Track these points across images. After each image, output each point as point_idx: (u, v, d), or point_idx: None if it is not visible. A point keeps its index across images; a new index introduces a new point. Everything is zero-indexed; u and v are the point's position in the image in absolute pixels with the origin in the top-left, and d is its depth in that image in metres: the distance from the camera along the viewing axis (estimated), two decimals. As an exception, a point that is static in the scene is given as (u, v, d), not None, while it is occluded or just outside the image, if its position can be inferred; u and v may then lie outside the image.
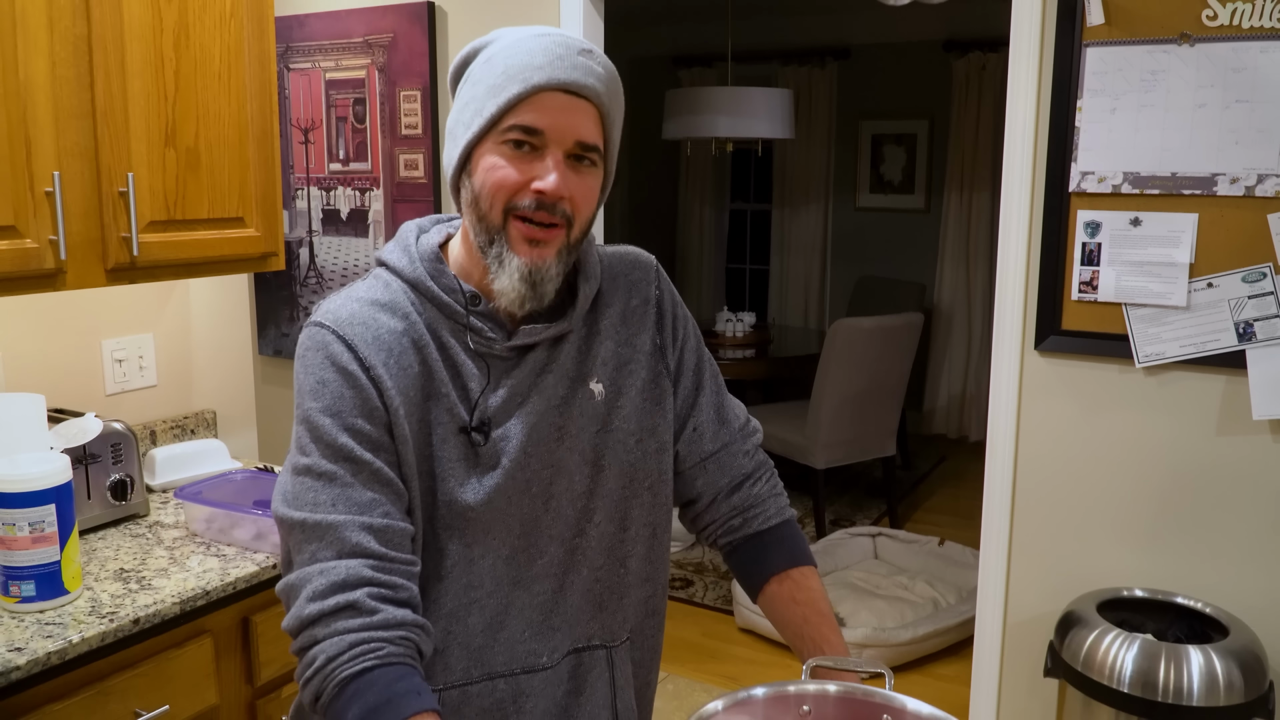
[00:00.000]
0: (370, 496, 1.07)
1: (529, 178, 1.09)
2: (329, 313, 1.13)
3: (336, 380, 1.09)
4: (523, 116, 1.08)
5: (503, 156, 1.09)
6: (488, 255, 1.12)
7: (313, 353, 1.11)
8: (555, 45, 1.09)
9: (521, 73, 1.08)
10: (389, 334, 1.11)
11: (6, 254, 1.71)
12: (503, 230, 1.11)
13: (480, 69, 1.11)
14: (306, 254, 3.49)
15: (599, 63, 1.12)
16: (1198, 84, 2.01)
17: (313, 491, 1.07)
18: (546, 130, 1.08)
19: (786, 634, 1.28)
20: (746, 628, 3.78)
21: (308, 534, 1.06)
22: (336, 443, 1.08)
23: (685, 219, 7.46)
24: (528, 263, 1.10)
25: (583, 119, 1.10)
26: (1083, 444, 2.24)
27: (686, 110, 5.09)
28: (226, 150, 2.09)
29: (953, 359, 6.44)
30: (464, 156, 1.13)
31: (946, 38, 6.15)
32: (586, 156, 1.12)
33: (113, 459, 2.01)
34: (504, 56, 1.09)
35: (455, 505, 1.13)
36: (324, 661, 1.02)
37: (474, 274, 1.16)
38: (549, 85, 1.08)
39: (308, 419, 1.09)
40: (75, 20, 1.80)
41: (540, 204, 1.09)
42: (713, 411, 1.30)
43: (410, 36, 3.11)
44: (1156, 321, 2.10)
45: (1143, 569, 2.21)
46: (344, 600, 1.03)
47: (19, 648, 1.51)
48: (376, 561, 1.05)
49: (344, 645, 1.01)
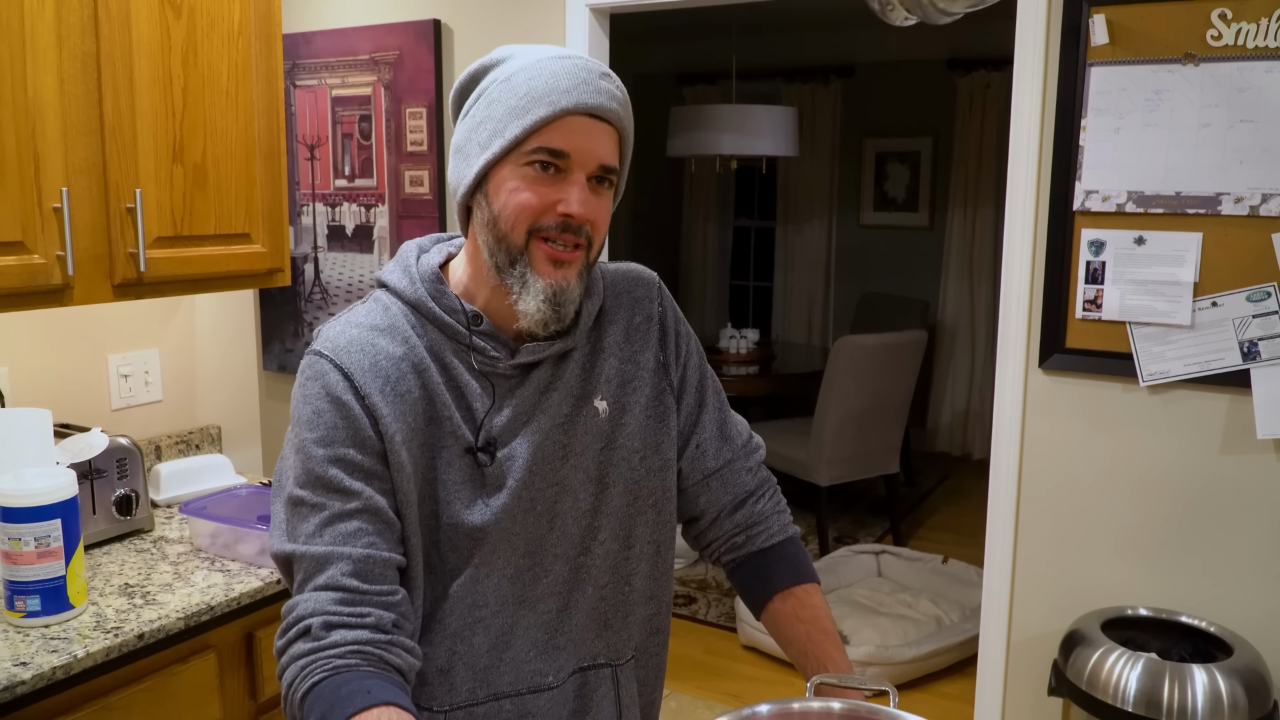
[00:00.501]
0: (356, 526, 1.08)
1: (554, 200, 1.09)
2: (327, 340, 1.13)
3: (330, 410, 1.09)
4: (549, 139, 1.08)
5: (525, 179, 1.09)
6: (508, 276, 1.11)
7: (311, 382, 1.11)
8: (578, 69, 1.10)
9: (548, 95, 1.08)
10: (388, 360, 1.11)
11: (14, 269, 1.72)
12: (525, 251, 1.10)
13: (499, 89, 1.10)
14: (312, 270, 3.50)
15: (617, 86, 1.13)
16: (1202, 103, 2.02)
17: (302, 522, 1.09)
18: (572, 153, 1.09)
19: (790, 652, 1.28)
20: (750, 645, 3.77)
21: (295, 565, 1.08)
22: (327, 474, 1.08)
23: (689, 235, 7.47)
24: (552, 284, 1.10)
25: (604, 141, 1.11)
26: (1087, 462, 2.23)
27: (691, 127, 5.11)
28: (233, 167, 2.10)
29: (956, 376, 6.43)
30: (480, 176, 1.12)
31: (950, 56, 6.18)
32: (606, 178, 1.13)
33: (118, 474, 2.02)
34: (526, 77, 1.09)
35: (461, 527, 1.13)
36: (285, 689, 1.05)
37: (478, 295, 1.16)
38: (576, 109, 1.08)
39: (302, 448, 1.10)
40: (84, 37, 1.81)
41: (566, 226, 1.10)
42: (715, 428, 1.30)
43: (416, 54, 3.13)
44: (1161, 340, 2.10)
45: (1147, 588, 2.21)
46: (299, 629, 1.05)
47: (24, 662, 1.51)
48: (345, 594, 1.06)
49: (298, 669, 1.04)
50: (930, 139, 6.45)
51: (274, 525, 1.13)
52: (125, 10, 1.87)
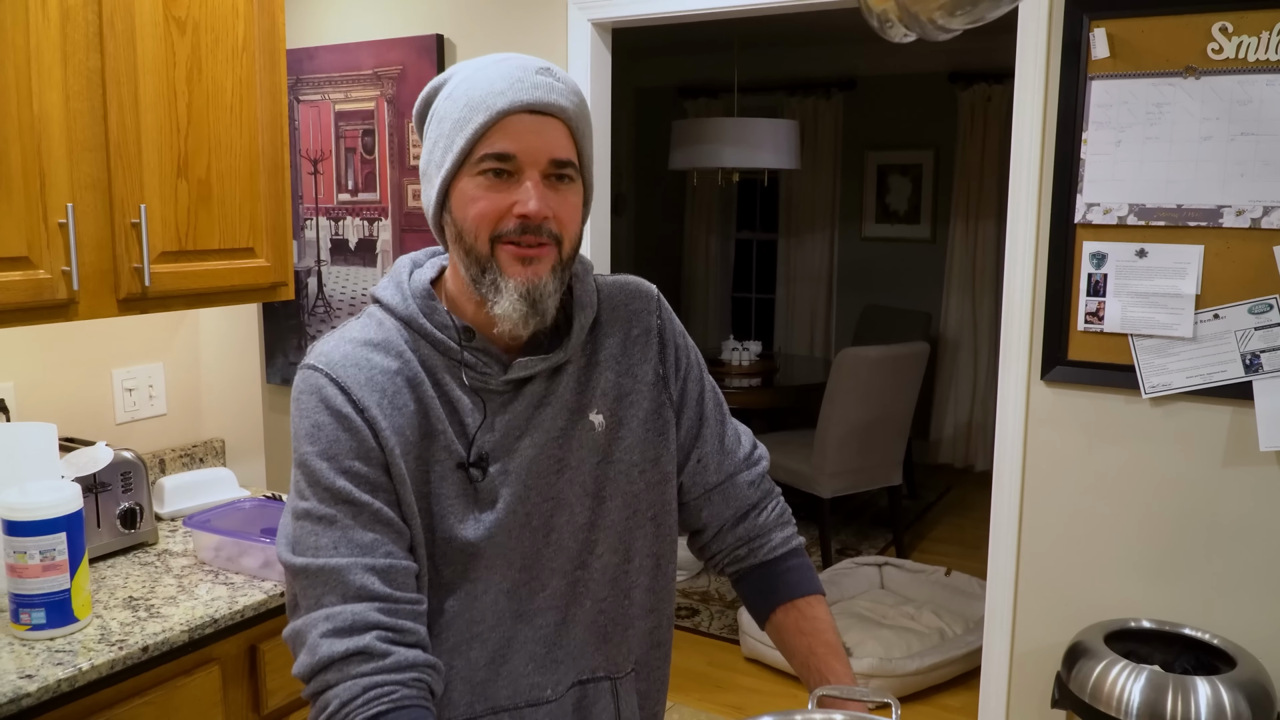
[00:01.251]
0: (371, 537, 1.07)
1: (509, 203, 1.09)
2: (321, 355, 1.12)
3: (331, 423, 1.08)
4: (493, 144, 1.08)
5: (480, 187, 1.09)
6: (481, 285, 1.11)
7: (307, 396, 1.10)
8: (513, 69, 1.10)
9: (484, 100, 1.08)
10: (382, 374, 1.11)
11: (20, 284, 1.72)
12: (492, 258, 1.11)
13: (443, 105, 1.12)
14: (315, 283, 3.51)
15: (560, 79, 1.12)
16: (1203, 116, 2.03)
17: (314, 535, 1.07)
18: (519, 154, 1.08)
19: (794, 663, 1.28)
20: (752, 657, 3.77)
21: (311, 579, 1.06)
22: (334, 486, 1.07)
23: (691, 248, 7.49)
24: (523, 281, 1.10)
25: (553, 136, 1.10)
26: (1089, 474, 2.24)
27: (693, 141, 5.13)
28: (238, 182, 2.11)
29: (958, 389, 6.44)
30: (441, 194, 1.13)
31: (951, 69, 6.20)
32: (563, 173, 1.12)
33: (122, 487, 2.02)
34: (464, 89, 1.10)
35: (455, 541, 1.12)
36: (338, 706, 1.02)
37: (467, 309, 1.16)
38: (513, 108, 1.08)
39: (305, 463, 1.09)
40: (89, 54, 1.82)
41: (525, 228, 1.09)
42: (717, 442, 1.29)
43: (419, 68, 3.15)
44: (1163, 352, 2.10)
45: (1150, 600, 2.20)
46: (355, 646, 1.02)
47: (29, 675, 1.51)
48: (383, 604, 1.05)
49: (357, 690, 1.01)
50: (932, 152, 6.46)
51: (281, 538, 1.12)
52: (130, 27, 1.88)
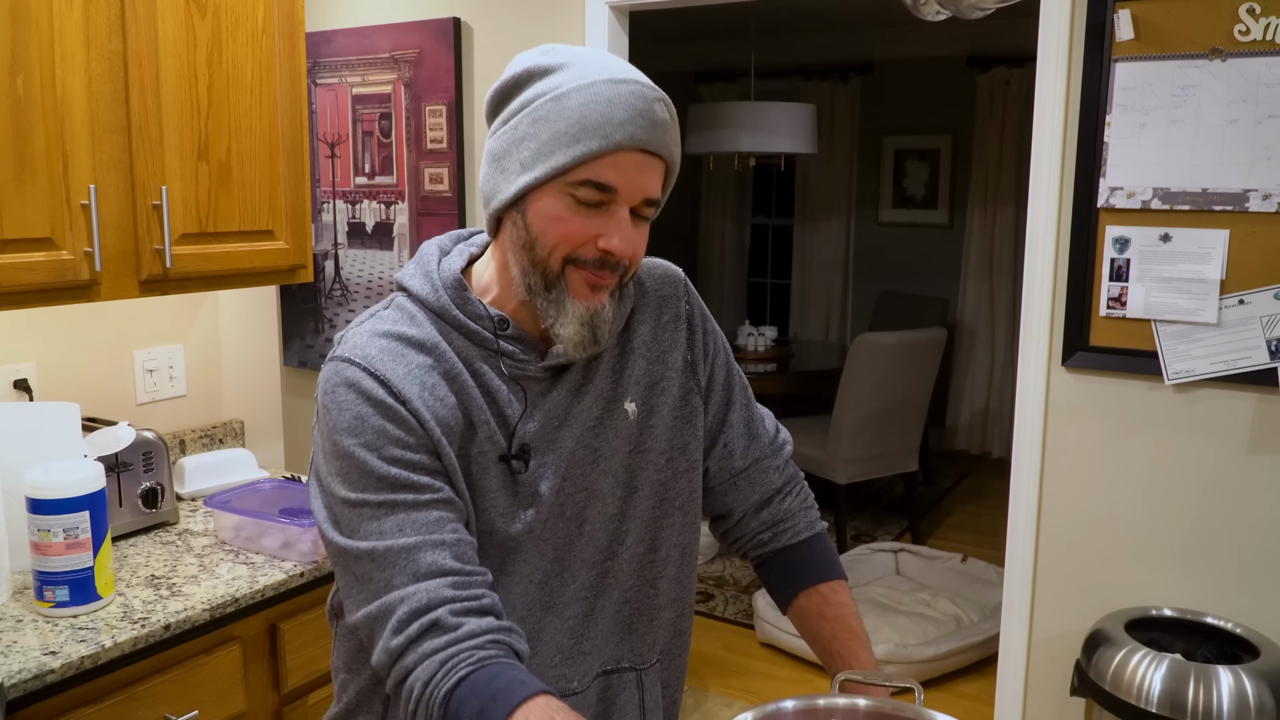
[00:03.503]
0: (436, 515, 1.05)
1: (594, 234, 1.05)
2: (355, 348, 1.08)
3: (374, 414, 1.05)
4: (598, 173, 1.03)
5: (567, 208, 1.04)
6: (542, 299, 1.08)
7: (343, 389, 1.06)
8: (635, 98, 1.03)
9: (602, 128, 1.02)
10: (420, 368, 1.08)
11: (43, 265, 1.73)
12: (561, 277, 1.07)
13: (547, 106, 1.04)
14: (332, 267, 3.52)
15: (671, 113, 1.07)
16: (1229, 99, 2.01)
17: (374, 521, 1.04)
18: (620, 189, 1.04)
19: (815, 648, 1.28)
20: (768, 642, 3.77)
21: (378, 561, 1.03)
22: (389, 474, 1.04)
23: (707, 233, 7.47)
24: (589, 308, 1.07)
25: (653, 176, 1.07)
26: (1110, 461, 2.22)
27: (709, 125, 5.10)
28: (257, 164, 2.11)
29: (975, 375, 6.41)
30: (518, 195, 1.06)
31: (970, 53, 6.15)
32: (648, 211, 1.09)
33: (144, 467, 2.03)
34: (578, 100, 1.03)
35: (496, 535, 1.11)
36: (421, 688, 0.99)
37: (507, 303, 1.13)
38: (629, 145, 1.03)
39: (350, 455, 1.05)
40: (111, 37, 1.83)
41: (604, 262, 1.06)
42: (743, 427, 1.29)
43: (436, 52, 3.14)
44: (1186, 338, 2.09)
45: (1171, 588, 2.19)
46: (426, 622, 1.00)
47: (53, 651, 1.53)
48: (455, 578, 1.03)
49: (435, 665, 0.99)
50: (949, 136, 6.42)
51: (328, 524, 1.07)
52: (151, 10, 1.88)
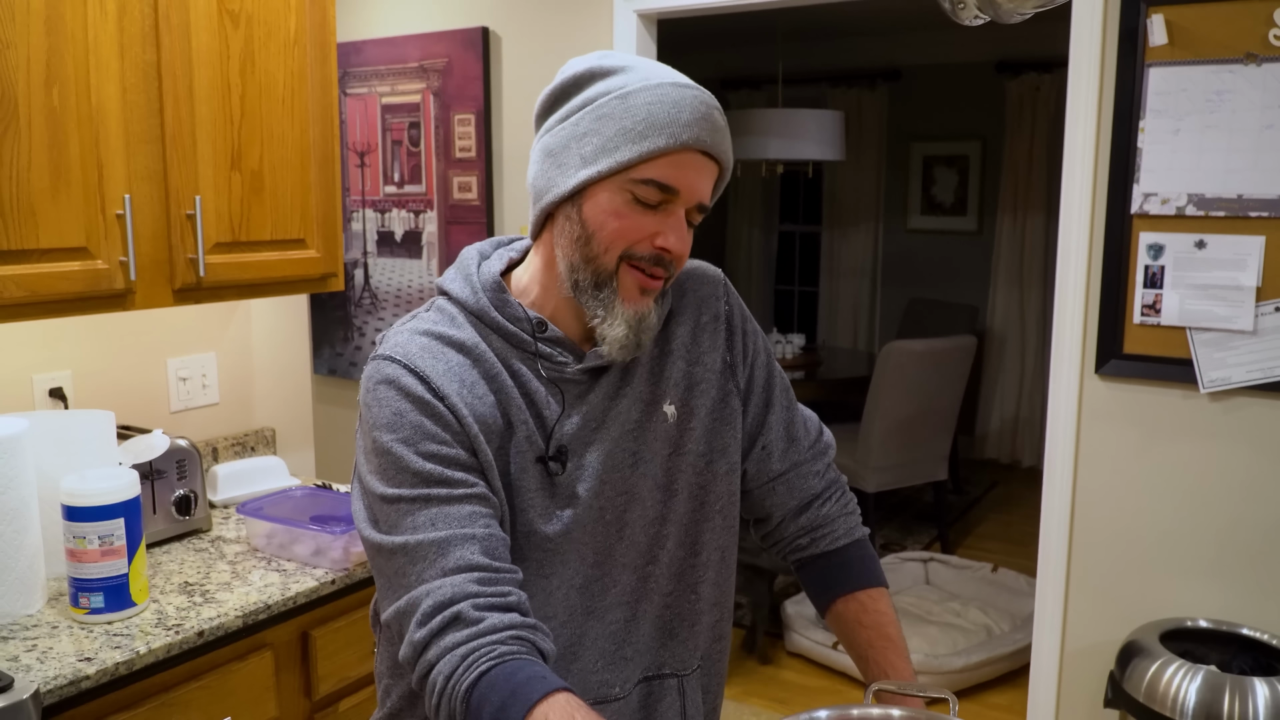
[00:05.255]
0: (469, 510, 1.05)
1: (652, 232, 1.07)
2: (396, 347, 1.10)
3: (412, 410, 1.07)
4: (661, 172, 1.05)
5: (627, 205, 1.06)
6: (592, 298, 1.09)
7: (384, 387, 1.08)
8: (699, 103, 1.06)
9: (669, 126, 1.04)
10: (459, 366, 1.09)
11: (79, 275, 1.76)
12: (614, 275, 1.09)
13: (613, 104, 1.06)
14: (361, 275, 3.54)
15: (724, 121, 1.10)
16: (1264, 104, 1.98)
17: (408, 516, 1.05)
18: (681, 190, 1.07)
19: (852, 655, 1.27)
20: (796, 651, 3.75)
21: (410, 555, 1.04)
22: (424, 470, 1.05)
23: (734, 240, 7.46)
24: (636, 312, 1.09)
25: (709, 180, 1.09)
26: (1144, 470, 2.20)
27: (737, 132, 5.10)
28: (289, 173, 2.13)
29: (1005, 383, 6.36)
30: (575, 190, 1.08)
31: (999, 59, 6.11)
32: (697, 215, 1.11)
33: (177, 475, 2.05)
34: (645, 100, 1.05)
35: (534, 536, 1.11)
36: (443, 682, 0.99)
37: (546, 304, 1.14)
38: (694, 145, 1.05)
39: (388, 450, 1.06)
40: (145, 48, 1.85)
41: (659, 260, 1.09)
42: (782, 429, 1.27)
43: (465, 61, 3.16)
44: (1222, 346, 2.06)
45: (1207, 599, 2.16)
46: (449, 615, 1.00)
47: (88, 658, 1.54)
48: (482, 574, 1.03)
49: (457, 660, 0.99)
50: (979, 142, 6.38)
51: (364, 521, 1.10)
52: (185, 21, 1.90)
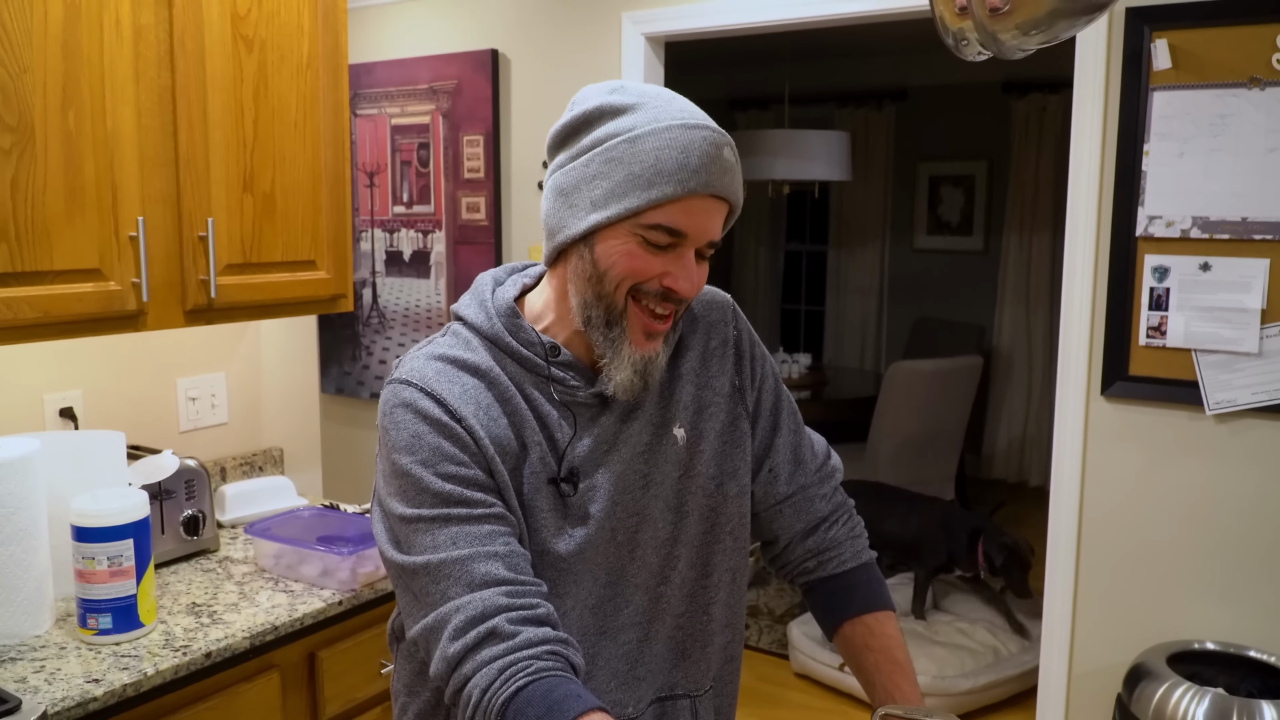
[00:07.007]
0: (489, 529, 1.07)
1: (660, 271, 1.09)
2: (413, 371, 1.13)
3: (430, 432, 1.09)
4: (670, 218, 1.07)
5: (638, 245, 1.08)
6: (601, 334, 1.12)
7: (401, 410, 1.11)
8: (709, 145, 1.07)
9: (677, 173, 1.06)
10: (475, 389, 1.12)
11: (92, 296, 1.77)
12: (624, 313, 1.11)
13: (622, 147, 1.07)
14: (369, 295, 3.56)
15: (736, 156, 1.11)
16: (1268, 128, 1.99)
17: (429, 535, 1.07)
18: (690, 233, 1.08)
19: (860, 679, 1.28)
20: (802, 673, 3.74)
21: (433, 574, 1.06)
22: (443, 490, 1.07)
23: (741, 260, 7.48)
24: (643, 356, 1.12)
25: (718, 220, 1.11)
26: (1151, 491, 2.20)
27: (744, 153, 5.13)
28: (300, 195, 2.15)
29: (1012, 402, 6.35)
30: (587, 231, 1.10)
31: (1005, 79, 6.13)
32: (710, 251, 1.13)
33: (186, 495, 2.06)
34: (654, 144, 1.06)
35: (548, 555, 1.13)
36: (479, 695, 1.01)
37: (559, 331, 1.17)
38: (703, 191, 1.07)
39: (407, 472, 1.09)
40: (160, 72, 1.87)
41: (667, 296, 1.11)
42: (789, 453, 1.29)
43: (474, 83, 3.19)
44: (1227, 368, 2.06)
45: (1214, 621, 2.16)
46: (484, 630, 1.02)
47: (96, 679, 1.55)
48: (510, 587, 1.05)
49: (494, 674, 1.00)
50: (985, 163, 6.40)
51: (386, 542, 1.12)
52: (200, 46, 1.93)
